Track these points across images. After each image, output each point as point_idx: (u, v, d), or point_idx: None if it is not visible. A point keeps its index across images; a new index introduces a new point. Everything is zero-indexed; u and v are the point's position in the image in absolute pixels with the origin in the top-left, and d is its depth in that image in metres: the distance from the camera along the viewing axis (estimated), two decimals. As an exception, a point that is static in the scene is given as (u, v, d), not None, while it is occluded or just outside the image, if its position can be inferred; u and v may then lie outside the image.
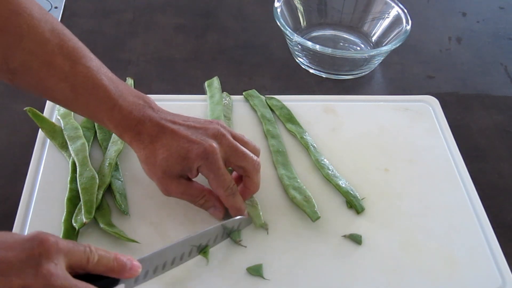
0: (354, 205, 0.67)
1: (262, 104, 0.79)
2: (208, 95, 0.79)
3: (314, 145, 0.74)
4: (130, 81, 0.81)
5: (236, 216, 0.63)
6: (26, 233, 0.61)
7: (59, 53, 0.60)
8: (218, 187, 0.62)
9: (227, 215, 0.64)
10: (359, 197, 0.68)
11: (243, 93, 0.80)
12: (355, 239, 0.64)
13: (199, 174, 0.63)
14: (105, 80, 0.61)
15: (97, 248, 0.48)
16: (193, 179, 0.64)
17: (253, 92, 0.81)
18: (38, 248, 0.44)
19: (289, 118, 0.77)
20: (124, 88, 0.63)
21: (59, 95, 0.62)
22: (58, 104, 0.67)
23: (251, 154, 0.64)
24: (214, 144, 0.61)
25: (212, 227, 0.60)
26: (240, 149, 0.63)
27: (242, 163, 0.63)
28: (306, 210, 0.65)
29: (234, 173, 0.66)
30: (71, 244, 0.47)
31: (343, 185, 0.69)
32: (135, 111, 0.62)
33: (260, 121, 0.77)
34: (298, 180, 0.69)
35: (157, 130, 0.62)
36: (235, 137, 0.64)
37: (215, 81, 0.81)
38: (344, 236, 0.64)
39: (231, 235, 0.63)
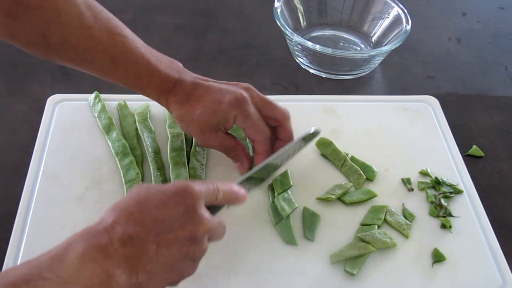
0: None
1: None
2: None
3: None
4: None
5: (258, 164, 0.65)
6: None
7: (95, 24, 0.61)
8: (256, 133, 0.65)
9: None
10: None
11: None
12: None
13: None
14: (141, 48, 0.64)
15: (218, 184, 0.52)
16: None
17: None
18: (190, 200, 0.48)
19: None
20: (157, 53, 0.66)
21: (98, 66, 0.63)
22: (97, 75, 0.66)
23: (279, 104, 0.67)
24: (244, 93, 0.64)
25: (290, 145, 0.64)
26: (269, 100, 0.66)
27: (273, 113, 0.66)
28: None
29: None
30: (204, 187, 0.50)
31: None
32: (172, 74, 0.65)
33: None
34: None
35: (192, 87, 0.65)
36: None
37: None
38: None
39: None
